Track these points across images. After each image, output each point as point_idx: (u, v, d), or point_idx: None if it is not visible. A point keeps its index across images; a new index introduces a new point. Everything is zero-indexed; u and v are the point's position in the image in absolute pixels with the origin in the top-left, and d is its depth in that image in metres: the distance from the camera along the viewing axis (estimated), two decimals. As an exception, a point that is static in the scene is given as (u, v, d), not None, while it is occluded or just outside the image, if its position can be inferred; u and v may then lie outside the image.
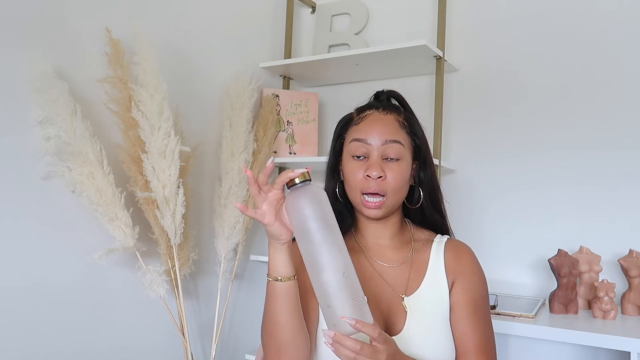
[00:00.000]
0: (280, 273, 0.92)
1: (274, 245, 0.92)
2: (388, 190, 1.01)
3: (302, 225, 0.86)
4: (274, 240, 0.91)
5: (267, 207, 0.89)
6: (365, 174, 1.01)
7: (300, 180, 0.87)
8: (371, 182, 1.01)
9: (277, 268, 0.92)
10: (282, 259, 0.92)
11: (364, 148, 1.03)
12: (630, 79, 1.62)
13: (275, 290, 0.93)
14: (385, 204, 1.02)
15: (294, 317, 0.94)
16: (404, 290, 1.04)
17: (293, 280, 0.93)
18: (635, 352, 1.22)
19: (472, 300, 1.03)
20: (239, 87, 1.75)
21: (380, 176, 1.00)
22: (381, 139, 1.02)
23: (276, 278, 0.92)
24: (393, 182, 1.01)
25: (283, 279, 0.92)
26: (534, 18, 1.78)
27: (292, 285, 0.93)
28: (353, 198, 1.05)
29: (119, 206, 1.33)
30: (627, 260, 1.48)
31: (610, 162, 1.63)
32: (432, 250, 1.08)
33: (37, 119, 1.27)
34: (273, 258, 0.93)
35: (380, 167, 1.01)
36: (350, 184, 1.04)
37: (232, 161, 1.67)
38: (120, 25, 1.44)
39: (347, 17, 2.12)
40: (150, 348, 1.59)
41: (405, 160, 1.04)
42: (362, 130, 1.05)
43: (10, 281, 1.26)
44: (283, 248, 0.92)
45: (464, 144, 1.87)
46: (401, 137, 1.04)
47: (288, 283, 0.92)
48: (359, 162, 1.03)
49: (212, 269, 1.75)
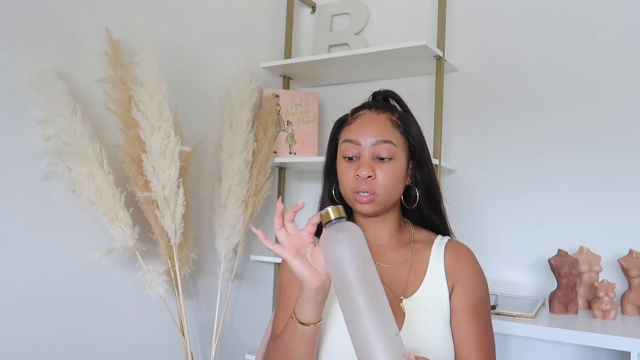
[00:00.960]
0: (306, 319, 0.89)
1: (304, 291, 0.87)
2: (378, 190, 1.01)
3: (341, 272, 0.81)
4: (302, 284, 0.87)
5: (287, 241, 0.87)
6: (355, 174, 1.01)
7: (335, 217, 0.83)
8: (361, 182, 1.00)
9: (304, 314, 0.89)
10: (310, 306, 0.88)
11: (355, 149, 1.03)
12: (632, 80, 1.62)
13: (297, 331, 0.91)
14: (376, 200, 1.01)
15: (310, 356, 0.93)
16: (403, 292, 1.03)
17: (317, 325, 0.90)
18: (635, 352, 1.22)
19: (472, 304, 1.02)
20: (239, 87, 1.75)
21: (370, 176, 1.00)
22: (372, 139, 1.02)
23: (300, 322, 0.89)
24: (383, 182, 1.01)
25: (307, 324, 0.90)
26: (534, 18, 1.78)
27: (316, 330, 0.91)
28: (347, 197, 1.05)
29: (119, 206, 1.33)
30: (627, 260, 1.48)
31: (610, 162, 1.63)
32: (432, 251, 1.07)
33: (37, 119, 1.27)
34: (301, 302, 0.89)
35: (370, 167, 1.01)
36: (343, 185, 1.05)
37: (232, 161, 1.67)
38: (120, 25, 1.44)
39: (347, 17, 2.12)
40: (150, 348, 1.59)
41: (398, 160, 1.03)
42: (354, 130, 1.05)
43: (10, 281, 1.26)
44: (311, 295, 0.86)
45: (464, 144, 1.87)
46: (393, 137, 1.03)
47: (312, 327, 0.90)
48: (351, 163, 1.03)
49: (212, 269, 1.75)
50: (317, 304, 0.88)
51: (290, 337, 0.92)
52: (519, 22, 1.80)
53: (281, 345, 0.95)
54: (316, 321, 0.90)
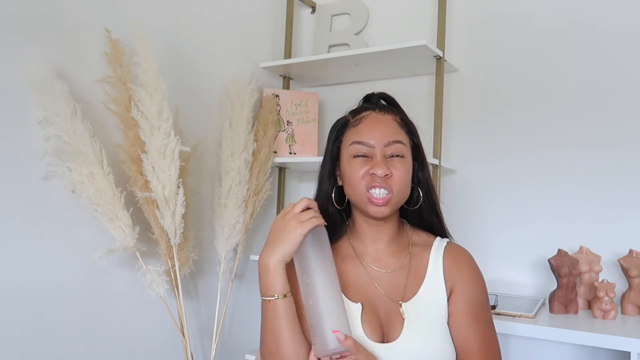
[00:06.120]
0: (283, 290, 0.97)
1: (279, 265, 0.97)
2: (394, 188, 1.00)
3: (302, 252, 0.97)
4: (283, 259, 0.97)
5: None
6: (370, 172, 1.00)
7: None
8: (376, 179, 0.99)
9: (280, 286, 0.97)
10: (284, 277, 0.97)
11: (366, 149, 1.02)
12: (632, 80, 1.62)
13: (278, 309, 0.96)
14: (391, 201, 1.00)
15: (295, 331, 0.96)
16: (402, 296, 1.03)
17: (291, 296, 0.98)
18: (635, 352, 1.22)
19: (471, 308, 1.02)
20: (239, 87, 1.75)
21: (387, 174, 0.99)
22: (384, 140, 1.01)
23: (278, 296, 0.96)
24: (398, 179, 1.00)
25: (283, 295, 0.96)
26: (534, 18, 1.78)
27: (292, 301, 0.97)
28: (357, 198, 1.03)
29: (119, 206, 1.33)
30: (627, 260, 1.48)
31: (610, 162, 1.63)
32: (431, 255, 1.07)
33: (37, 119, 1.27)
34: (276, 277, 0.96)
35: (386, 165, 1.00)
36: (353, 185, 1.02)
37: (232, 161, 1.67)
38: (120, 25, 1.44)
39: (347, 17, 2.12)
40: (150, 348, 1.59)
41: (407, 159, 1.04)
42: (363, 132, 1.03)
43: (10, 281, 1.26)
44: (284, 267, 0.98)
45: (464, 144, 1.87)
46: (402, 137, 1.04)
47: (289, 299, 0.97)
48: (362, 163, 1.01)
49: (212, 268, 1.75)
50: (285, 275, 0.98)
51: (272, 320, 0.97)
52: (519, 22, 1.80)
53: (267, 333, 0.98)
54: (287, 290, 0.97)
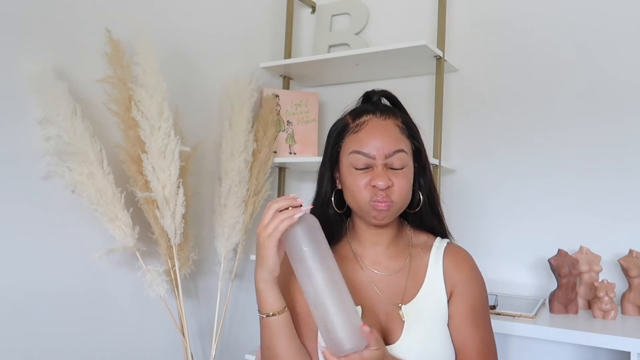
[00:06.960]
0: (274, 308, 0.95)
1: (268, 282, 0.94)
2: (395, 197, 0.98)
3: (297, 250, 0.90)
4: (269, 276, 0.94)
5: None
6: (371, 183, 0.98)
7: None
8: (378, 191, 0.97)
9: (271, 304, 0.95)
10: (275, 293, 0.95)
11: (367, 160, 0.99)
12: (633, 80, 1.62)
13: (272, 325, 0.95)
14: (392, 209, 0.99)
15: (293, 345, 0.96)
16: (401, 298, 1.02)
17: (286, 311, 0.96)
18: (635, 352, 1.22)
19: (471, 309, 1.02)
20: (239, 87, 1.75)
21: (388, 186, 0.97)
22: (385, 152, 0.98)
23: (270, 314, 0.95)
24: (399, 190, 0.98)
25: (277, 313, 0.95)
26: (534, 18, 1.78)
27: (286, 317, 0.96)
28: (358, 207, 1.01)
29: (119, 206, 1.33)
30: (627, 260, 1.48)
31: (610, 162, 1.63)
32: (431, 257, 1.06)
33: (37, 119, 1.27)
34: (265, 295, 0.95)
35: (387, 177, 0.97)
36: (354, 195, 1.00)
37: (232, 161, 1.67)
38: (120, 25, 1.44)
39: (347, 17, 2.12)
40: (150, 348, 1.59)
41: (409, 167, 1.02)
42: (363, 141, 1.00)
43: (10, 281, 1.26)
44: (274, 282, 0.95)
45: (464, 144, 1.87)
46: (404, 144, 1.01)
47: (282, 315, 0.95)
48: (362, 174, 0.99)
49: (212, 269, 1.75)
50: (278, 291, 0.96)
51: (269, 336, 0.96)
52: (518, 22, 1.80)
53: (265, 348, 0.98)
54: (283, 307, 0.96)
